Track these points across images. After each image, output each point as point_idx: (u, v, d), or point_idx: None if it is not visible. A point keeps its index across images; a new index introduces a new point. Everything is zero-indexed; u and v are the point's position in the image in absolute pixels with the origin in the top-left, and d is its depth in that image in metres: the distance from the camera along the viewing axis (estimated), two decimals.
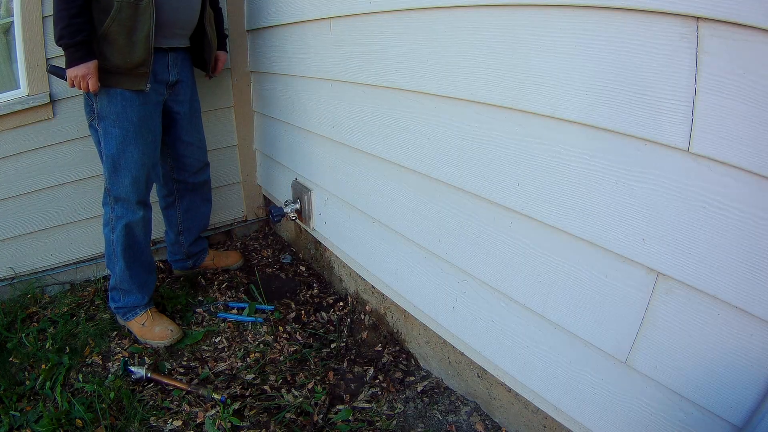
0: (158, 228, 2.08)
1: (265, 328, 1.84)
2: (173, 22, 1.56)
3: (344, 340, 1.80)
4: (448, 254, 1.34)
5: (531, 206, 1.06)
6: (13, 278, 2.00)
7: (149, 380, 1.57)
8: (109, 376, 1.60)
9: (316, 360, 1.69)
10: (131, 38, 1.43)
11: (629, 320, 0.93)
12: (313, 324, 1.90)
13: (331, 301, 2.03)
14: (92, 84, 1.42)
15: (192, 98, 1.81)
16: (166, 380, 1.57)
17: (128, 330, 1.79)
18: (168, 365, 1.66)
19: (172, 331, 1.73)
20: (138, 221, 1.65)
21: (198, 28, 1.70)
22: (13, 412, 1.46)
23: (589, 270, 0.99)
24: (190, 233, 2.05)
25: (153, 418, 1.44)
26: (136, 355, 1.69)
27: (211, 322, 1.88)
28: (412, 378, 1.61)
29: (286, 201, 2.07)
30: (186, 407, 1.48)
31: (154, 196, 1.85)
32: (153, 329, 1.73)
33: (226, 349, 1.74)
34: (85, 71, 1.40)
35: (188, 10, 1.62)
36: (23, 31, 1.76)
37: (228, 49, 1.96)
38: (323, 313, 1.95)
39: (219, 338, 1.79)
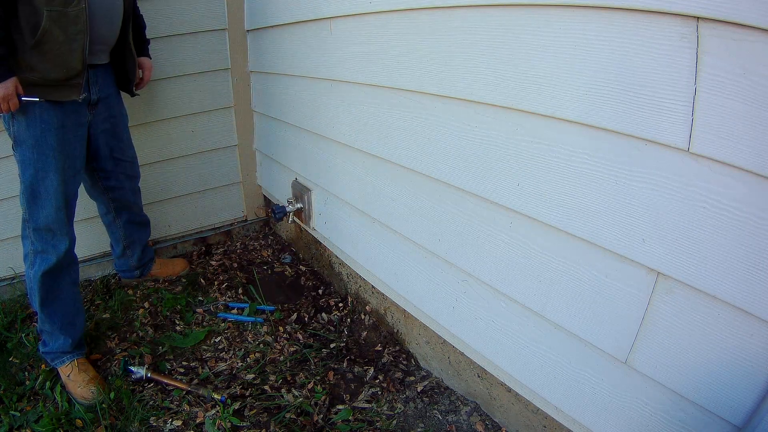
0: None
1: (265, 328, 1.84)
2: (94, 37, 1.43)
3: (344, 340, 1.80)
4: (448, 254, 1.34)
5: (531, 206, 1.06)
6: (13, 278, 2.00)
7: (149, 380, 1.57)
8: (109, 376, 1.60)
9: (316, 360, 1.69)
10: (64, 48, 1.32)
11: (629, 320, 0.93)
12: (313, 324, 1.90)
13: (332, 301, 2.03)
14: (13, 104, 1.30)
15: (117, 113, 1.70)
16: (166, 380, 1.57)
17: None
18: (168, 365, 1.66)
19: (93, 393, 1.50)
20: (62, 255, 1.49)
21: (119, 41, 1.57)
22: (13, 412, 1.46)
23: (589, 270, 0.99)
24: (135, 246, 2.00)
25: (153, 418, 1.44)
26: (137, 355, 1.69)
27: (211, 322, 1.88)
28: (412, 378, 1.61)
29: (288, 199, 2.08)
30: (186, 407, 1.48)
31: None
32: (76, 386, 1.52)
33: (226, 349, 1.74)
34: (4, 91, 1.26)
35: (111, 22, 1.49)
36: None
37: (150, 56, 1.82)
38: (323, 313, 1.95)
39: (219, 338, 1.79)
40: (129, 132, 1.82)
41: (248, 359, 1.69)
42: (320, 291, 2.11)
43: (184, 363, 1.68)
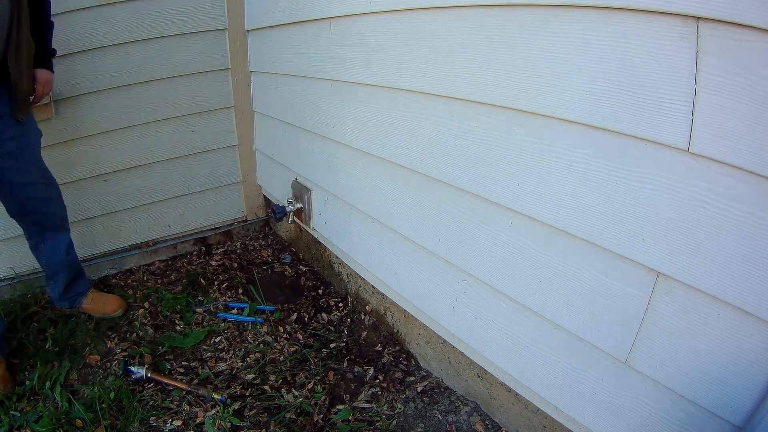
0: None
1: (265, 328, 1.84)
2: None
3: (344, 340, 1.81)
4: (448, 254, 1.34)
5: (531, 206, 1.06)
6: (13, 278, 2.00)
7: (149, 380, 1.57)
8: (109, 376, 1.60)
9: (316, 360, 1.69)
10: None
11: (629, 320, 0.93)
12: (313, 324, 1.90)
13: (332, 301, 2.03)
14: None
15: (19, 132, 1.45)
16: (166, 380, 1.57)
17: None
18: (168, 365, 1.66)
19: None
20: None
21: (4, 52, 1.29)
22: (13, 412, 1.46)
23: (589, 270, 0.99)
24: (57, 280, 1.77)
25: (153, 418, 1.44)
26: (137, 355, 1.69)
27: (211, 322, 1.88)
28: (412, 378, 1.61)
29: (289, 199, 2.08)
30: (186, 407, 1.48)
31: None
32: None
33: (226, 349, 1.74)
34: None
35: None
36: None
37: (53, 69, 1.54)
38: (323, 313, 1.95)
39: (219, 338, 1.79)
40: (38, 152, 1.58)
41: (248, 359, 1.69)
42: (320, 291, 2.11)
43: (184, 363, 1.68)
